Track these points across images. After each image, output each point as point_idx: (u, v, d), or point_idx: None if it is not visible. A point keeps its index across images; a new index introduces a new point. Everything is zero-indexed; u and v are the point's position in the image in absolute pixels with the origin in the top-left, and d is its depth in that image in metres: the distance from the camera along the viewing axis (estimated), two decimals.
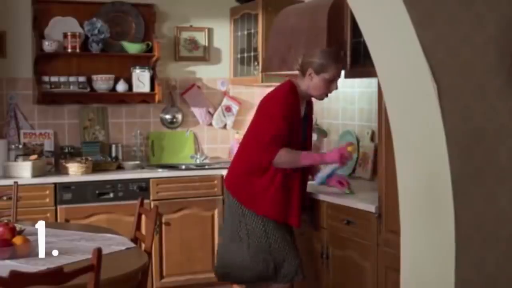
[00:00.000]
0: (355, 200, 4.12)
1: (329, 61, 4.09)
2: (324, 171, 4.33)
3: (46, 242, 3.47)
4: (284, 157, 4.04)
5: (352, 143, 4.30)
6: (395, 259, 3.16)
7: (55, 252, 3.28)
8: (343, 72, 4.57)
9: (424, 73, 2.29)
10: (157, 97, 5.82)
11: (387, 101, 2.60)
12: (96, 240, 3.64)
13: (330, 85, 4.14)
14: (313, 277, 4.44)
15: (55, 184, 5.19)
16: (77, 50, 5.55)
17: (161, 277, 5.48)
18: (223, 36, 6.20)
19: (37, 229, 3.25)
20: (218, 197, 5.60)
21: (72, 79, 5.62)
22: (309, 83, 4.14)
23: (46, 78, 5.56)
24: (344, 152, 4.14)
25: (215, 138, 6.25)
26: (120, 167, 5.69)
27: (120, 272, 3.12)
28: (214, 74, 6.23)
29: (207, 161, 6.01)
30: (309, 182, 4.40)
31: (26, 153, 5.37)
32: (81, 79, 5.64)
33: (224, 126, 6.24)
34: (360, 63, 4.43)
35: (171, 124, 6.09)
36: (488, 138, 2.37)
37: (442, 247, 2.38)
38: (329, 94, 4.21)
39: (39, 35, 5.53)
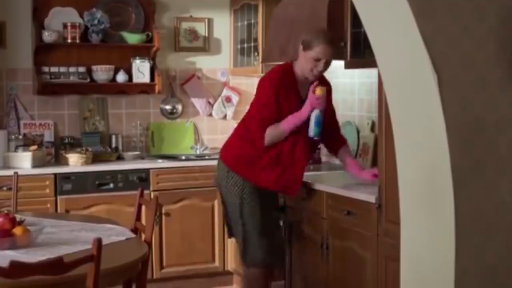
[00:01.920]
0: (355, 190, 4.12)
1: (316, 38, 4.07)
2: (311, 122, 4.17)
3: (46, 233, 3.49)
4: (270, 136, 4.13)
5: (316, 85, 4.15)
6: (395, 250, 3.16)
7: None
8: (343, 63, 4.58)
9: (424, 64, 2.29)
10: (157, 88, 5.82)
11: (387, 91, 2.60)
12: (96, 230, 3.65)
13: (316, 63, 4.10)
14: (313, 267, 4.45)
15: (55, 174, 5.19)
16: (77, 41, 5.54)
17: (161, 267, 5.49)
18: (223, 26, 6.19)
19: (37, 220, 3.26)
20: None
21: (72, 69, 5.61)
22: (301, 60, 4.15)
23: (46, 69, 5.55)
24: (312, 99, 4.09)
25: (215, 128, 6.25)
26: (120, 158, 5.69)
27: (120, 263, 3.13)
28: (214, 65, 6.22)
29: (207, 151, 6.01)
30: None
31: (26, 143, 5.37)
32: (81, 69, 5.63)
33: (224, 117, 6.24)
34: (360, 53, 4.42)
35: (171, 114, 6.09)
36: (488, 129, 2.37)
37: (442, 237, 2.39)
38: (315, 73, 4.12)
39: (39, 26, 5.52)
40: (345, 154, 4.39)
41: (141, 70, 5.78)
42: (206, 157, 5.81)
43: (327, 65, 4.15)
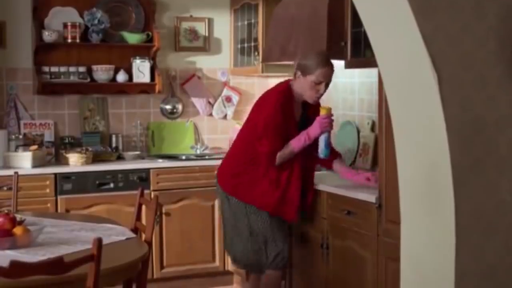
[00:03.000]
0: (355, 190, 4.12)
1: (315, 63, 4.12)
2: (320, 144, 4.23)
3: (47, 232, 3.49)
4: (280, 158, 4.15)
5: (323, 106, 4.23)
6: (395, 249, 3.16)
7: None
8: (343, 63, 4.57)
9: (424, 63, 2.28)
10: (157, 88, 5.82)
11: (387, 91, 2.59)
12: (96, 230, 3.65)
13: (317, 87, 4.14)
14: (313, 267, 4.45)
15: (55, 174, 5.19)
16: (77, 41, 5.54)
17: (162, 267, 5.49)
18: (223, 26, 6.19)
19: (37, 219, 3.26)
20: None
21: (72, 69, 5.61)
22: (298, 84, 4.18)
23: (46, 69, 5.55)
24: (320, 119, 4.15)
25: (215, 128, 6.25)
26: (120, 158, 5.69)
27: (120, 262, 3.13)
28: (214, 65, 6.22)
29: (207, 151, 6.01)
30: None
31: (26, 143, 5.37)
32: (81, 69, 5.63)
33: (225, 117, 6.24)
34: (361, 53, 4.42)
35: (171, 114, 6.09)
36: (488, 128, 2.37)
37: (442, 237, 2.39)
38: (318, 96, 4.19)
39: (39, 25, 5.52)
40: (338, 164, 4.43)
41: (141, 70, 5.78)
42: (206, 157, 5.81)
43: (327, 86, 4.20)
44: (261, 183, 4.20)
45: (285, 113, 4.15)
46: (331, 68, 4.16)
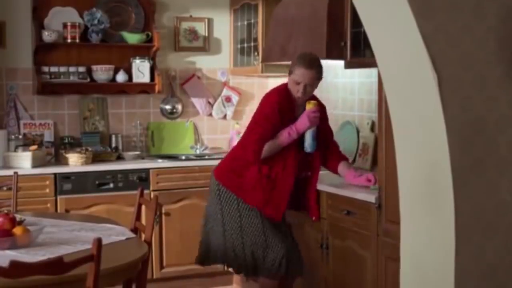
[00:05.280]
0: (355, 190, 4.12)
1: (296, 63, 4.13)
2: (307, 138, 4.20)
3: (47, 232, 3.49)
4: (266, 150, 4.13)
5: (309, 101, 4.21)
6: (395, 249, 3.16)
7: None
8: (343, 63, 4.58)
9: (424, 63, 2.28)
10: (157, 88, 5.82)
11: (387, 91, 2.59)
12: (96, 230, 3.65)
13: (297, 86, 4.14)
14: (313, 267, 4.45)
15: (55, 174, 5.19)
16: (77, 41, 5.55)
17: (161, 267, 5.49)
18: (223, 26, 6.19)
19: (37, 219, 3.26)
20: None
21: (72, 69, 5.61)
22: (288, 83, 4.21)
23: (45, 69, 5.55)
24: (309, 112, 4.14)
25: (215, 128, 6.25)
26: (120, 158, 5.69)
27: (120, 262, 3.13)
28: (214, 65, 6.22)
29: (207, 151, 6.01)
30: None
31: (26, 143, 5.38)
32: (81, 69, 5.63)
33: (224, 117, 6.24)
34: (360, 53, 4.42)
35: (171, 114, 6.09)
36: (488, 128, 2.37)
37: (442, 237, 2.39)
38: (299, 96, 4.15)
39: (39, 26, 5.52)
40: (344, 167, 4.34)
41: (141, 70, 5.78)
42: (206, 157, 5.82)
43: (308, 88, 4.15)
44: (254, 178, 4.16)
45: (283, 111, 4.14)
46: (311, 71, 4.10)
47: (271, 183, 4.14)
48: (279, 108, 4.13)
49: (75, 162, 5.33)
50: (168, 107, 6.07)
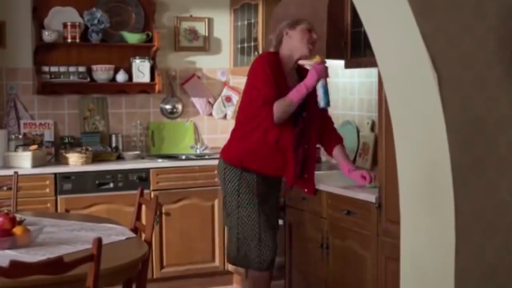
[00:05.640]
0: (355, 190, 4.12)
1: (296, 22, 4.10)
2: (319, 92, 4.08)
3: (47, 232, 3.49)
4: (278, 110, 3.97)
5: (315, 56, 4.11)
6: (395, 249, 3.17)
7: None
8: (343, 62, 4.58)
9: (424, 63, 2.29)
10: (157, 87, 5.82)
11: (387, 91, 2.59)
12: (96, 230, 3.64)
13: (310, 34, 4.07)
14: (313, 267, 4.45)
15: (55, 174, 5.19)
16: (77, 40, 5.54)
17: (161, 267, 5.49)
18: (223, 26, 6.19)
19: (37, 219, 3.25)
20: (218, 187, 5.56)
21: (72, 69, 5.61)
22: (290, 42, 4.10)
23: (46, 68, 5.55)
24: (316, 65, 4.05)
25: (215, 128, 6.25)
26: (120, 157, 5.69)
27: (120, 262, 3.13)
28: (214, 64, 6.22)
29: (207, 151, 6.01)
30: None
31: (26, 143, 5.37)
32: (81, 69, 5.63)
33: (224, 116, 6.24)
34: (361, 53, 4.42)
35: (171, 114, 6.09)
36: (488, 128, 2.37)
37: (442, 237, 2.39)
38: (312, 43, 4.09)
39: (39, 25, 5.51)
40: (339, 153, 4.26)
41: (141, 70, 5.78)
42: (206, 157, 5.81)
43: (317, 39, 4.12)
44: (258, 142, 4.07)
45: (276, 76, 4.02)
46: (312, 25, 4.13)
47: (275, 148, 4.06)
48: (271, 70, 4.00)
49: (75, 162, 5.33)
50: (168, 107, 6.07)
